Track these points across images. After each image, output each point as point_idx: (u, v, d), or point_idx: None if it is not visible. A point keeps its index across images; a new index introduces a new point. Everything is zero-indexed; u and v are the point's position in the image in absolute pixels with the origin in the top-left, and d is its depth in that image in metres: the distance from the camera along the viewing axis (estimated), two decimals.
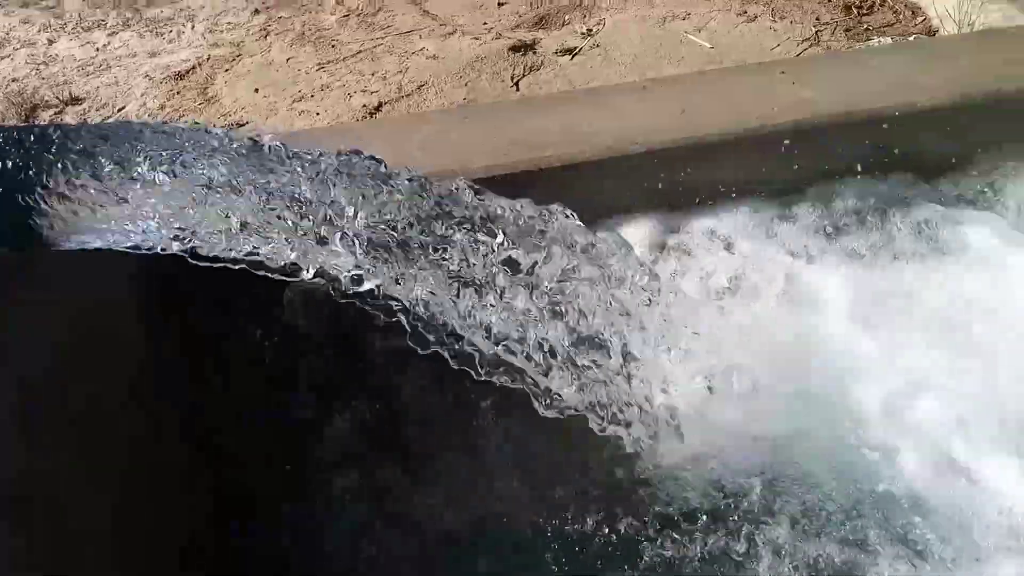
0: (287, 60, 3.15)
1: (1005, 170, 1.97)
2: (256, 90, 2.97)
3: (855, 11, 2.97)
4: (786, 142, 1.92)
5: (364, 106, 2.78)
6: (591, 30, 3.17)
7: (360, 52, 3.15)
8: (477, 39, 3.19)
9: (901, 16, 2.93)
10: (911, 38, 2.75)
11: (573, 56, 3.04)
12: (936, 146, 2.00)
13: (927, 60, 2.08)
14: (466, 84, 2.90)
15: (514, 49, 3.08)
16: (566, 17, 3.27)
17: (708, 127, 1.94)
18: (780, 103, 1.99)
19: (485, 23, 3.33)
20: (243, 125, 2.73)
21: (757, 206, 1.90)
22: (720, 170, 1.93)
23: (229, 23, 3.48)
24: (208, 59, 3.21)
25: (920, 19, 2.89)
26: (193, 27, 3.48)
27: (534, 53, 3.08)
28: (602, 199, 1.90)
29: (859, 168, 2.00)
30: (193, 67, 3.17)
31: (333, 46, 3.22)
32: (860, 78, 2.04)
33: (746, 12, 3.08)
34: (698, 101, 2.01)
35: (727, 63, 2.83)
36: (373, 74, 2.99)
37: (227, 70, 3.13)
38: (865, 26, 2.92)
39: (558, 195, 1.87)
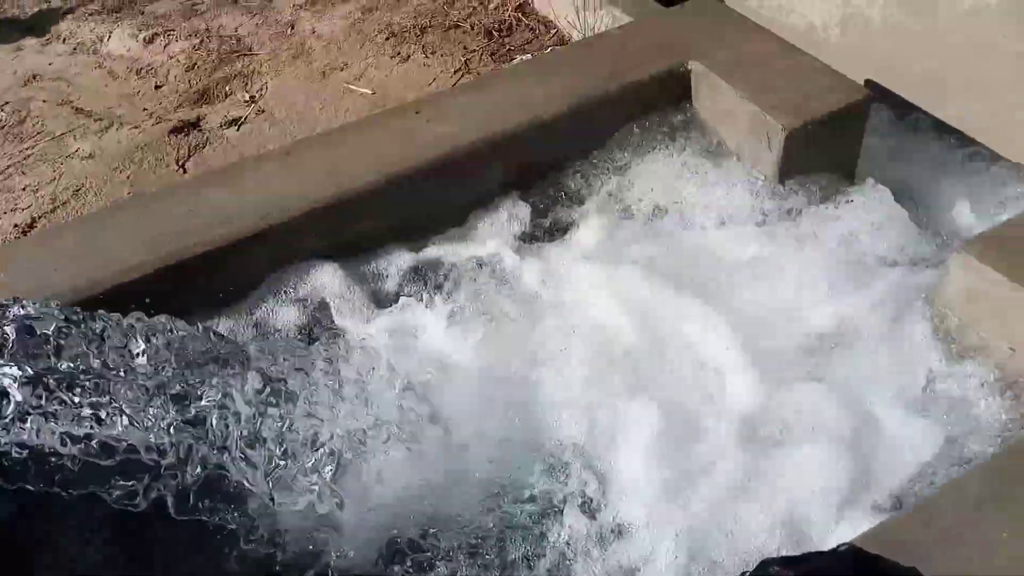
0: None
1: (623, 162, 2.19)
2: None
3: (496, 35, 3.16)
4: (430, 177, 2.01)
5: (16, 226, 2.58)
6: (254, 97, 3.14)
7: (8, 167, 2.92)
8: (137, 128, 3.06)
9: (537, 32, 3.16)
10: (548, 51, 2.96)
11: (239, 127, 2.99)
12: (564, 151, 2.17)
13: (544, 75, 2.25)
14: (128, 178, 2.77)
15: (176, 131, 2.99)
16: (227, 88, 3.22)
17: (354, 181, 1.98)
18: (420, 143, 2.08)
19: (145, 109, 3.20)
20: None
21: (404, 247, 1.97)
22: (371, 220, 1.98)
23: None
24: None
25: (553, 31, 3.13)
26: None
27: (199, 131, 3.01)
28: (256, 274, 1.89)
29: (505, 187, 2.13)
30: None
31: None
32: (489, 105, 2.17)
33: (400, 53, 3.18)
34: (343, 157, 2.05)
35: (389, 105, 2.90)
36: (24, 188, 2.78)
37: None
38: (507, 47, 3.12)
39: (210, 281, 1.84)
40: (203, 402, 1.27)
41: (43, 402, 1.17)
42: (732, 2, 3.23)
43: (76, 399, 1.18)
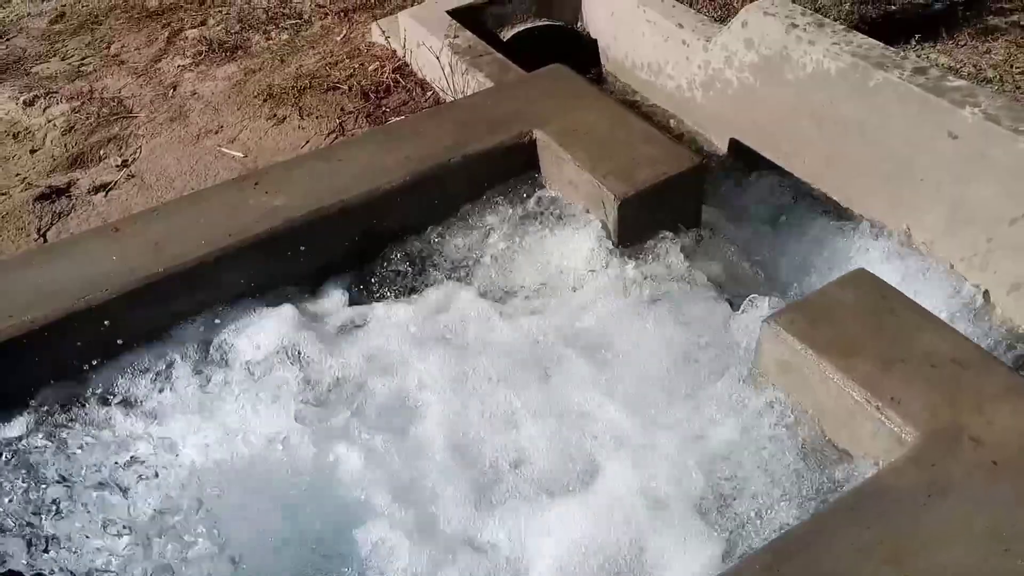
0: None
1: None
2: None
3: (373, 96, 3.16)
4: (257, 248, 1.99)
5: None
6: (127, 161, 3.10)
7: None
8: (4, 194, 2.99)
9: (414, 94, 3.17)
10: (397, 119, 2.96)
11: (108, 192, 2.95)
12: (407, 221, 2.16)
13: (387, 144, 2.24)
14: None
15: (43, 198, 2.93)
16: (102, 152, 3.17)
17: (182, 255, 1.95)
18: (255, 214, 2.06)
19: (18, 174, 3.14)
20: None
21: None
22: (200, 293, 1.94)
23: None
24: None
25: (429, 93, 3.14)
26: None
27: (68, 197, 2.95)
28: (68, 357, 1.83)
29: (343, 258, 2.12)
30: None
31: None
32: (329, 175, 2.16)
33: (275, 115, 3.17)
34: (172, 231, 2.02)
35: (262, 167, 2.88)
36: None
37: None
38: (384, 109, 3.12)
39: (21, 365, 1.79)
40: None
41: None
42: (612, 66, 3.31)
43: None
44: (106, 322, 1.85)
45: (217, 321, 1.94)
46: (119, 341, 1.88)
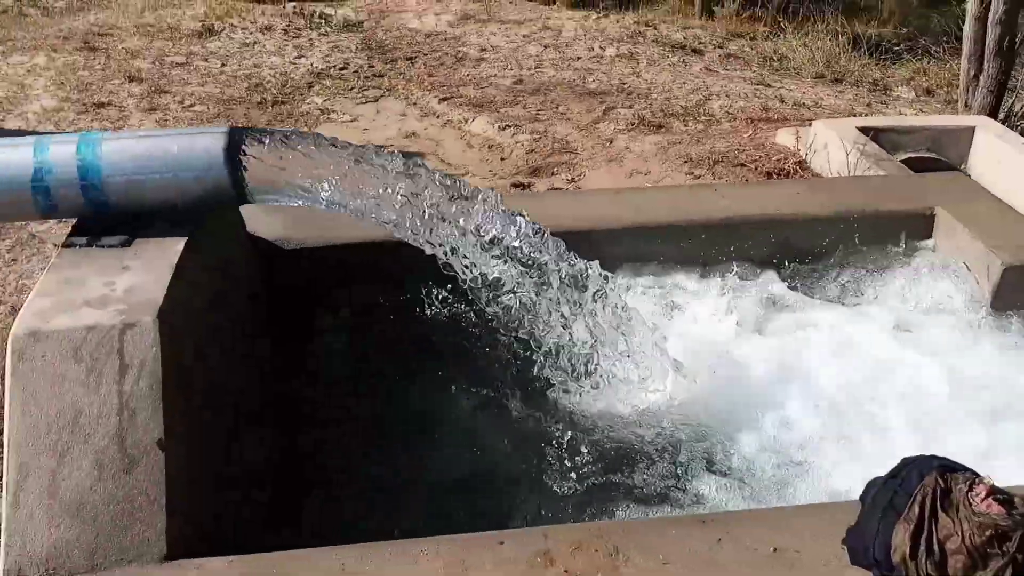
0: None
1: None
2: None
3: (775, 176, 3.89)
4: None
5: None
6: (573, 179, 4.05)
7: None
8: (484, 179, 4.05)
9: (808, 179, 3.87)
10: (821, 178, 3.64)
11: None
12: (819, 244, 2.80)
13: (812, 189, 2.93)
14: None
15: (514, 186, 3.94)
16: (554, 170, 4.17)
17: (650, 216, 2.73)
18: (705, 206, 2.81)
19: (491, 170, 4.21)
20: None
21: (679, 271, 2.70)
22: (657, 246, 2.70)
23: None
24: None
25: None
26: None
27: (529, 191, 3.94)
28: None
29: (767, 256, 2.80)
30: None
31: None
32: (764, 196, 2.87)
33: (693, 173, 3.99)
34: (649, 203, 2.82)
35: None
36: None
37: None
38: None
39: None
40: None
41: None
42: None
43: None
44: (604, 243, 2.66)
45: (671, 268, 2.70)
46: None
